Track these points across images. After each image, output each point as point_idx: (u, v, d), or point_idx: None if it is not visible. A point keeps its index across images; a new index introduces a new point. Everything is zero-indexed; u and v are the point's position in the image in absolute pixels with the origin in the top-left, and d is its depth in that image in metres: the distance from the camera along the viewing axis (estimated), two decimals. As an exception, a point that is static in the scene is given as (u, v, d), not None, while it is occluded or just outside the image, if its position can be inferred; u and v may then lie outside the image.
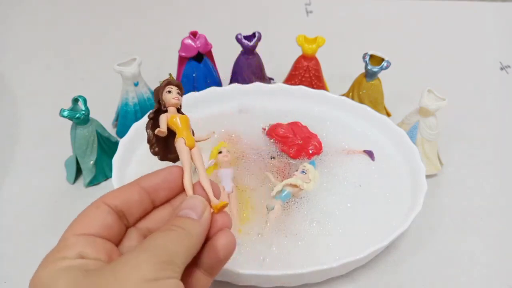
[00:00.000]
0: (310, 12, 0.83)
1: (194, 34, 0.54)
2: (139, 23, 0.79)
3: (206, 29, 0.58)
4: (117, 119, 0.54)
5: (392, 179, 0.46)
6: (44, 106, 0.59)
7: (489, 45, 0.77)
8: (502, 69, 0.71)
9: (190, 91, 0.53)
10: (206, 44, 0.55)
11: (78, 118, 0.44)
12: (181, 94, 0.31)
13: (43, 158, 0.52)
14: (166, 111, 0.30)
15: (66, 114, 0.43)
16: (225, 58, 0.58)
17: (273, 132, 0.49)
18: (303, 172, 0.42)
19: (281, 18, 0.82)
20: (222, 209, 0.28)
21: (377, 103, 0.55)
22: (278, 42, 0.68)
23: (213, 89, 0.53)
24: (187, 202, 0.26)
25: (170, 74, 0.54)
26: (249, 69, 0.56)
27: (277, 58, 0.64)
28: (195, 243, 0.25)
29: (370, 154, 0.48)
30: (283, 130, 0.48)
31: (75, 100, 0.45)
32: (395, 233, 0.38)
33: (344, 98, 0.54)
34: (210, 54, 0.57)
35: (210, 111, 0.52)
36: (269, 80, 0.61)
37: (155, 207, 0.28)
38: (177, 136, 0.30)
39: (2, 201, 0.47)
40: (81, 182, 0.49)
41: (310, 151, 0.47)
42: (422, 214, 0.41)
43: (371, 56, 0.52)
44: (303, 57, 0.55)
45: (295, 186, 0.41)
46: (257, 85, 0.54)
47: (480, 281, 0.41)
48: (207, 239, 0.26)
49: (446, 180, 0.51)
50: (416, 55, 0.73)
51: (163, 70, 0.59)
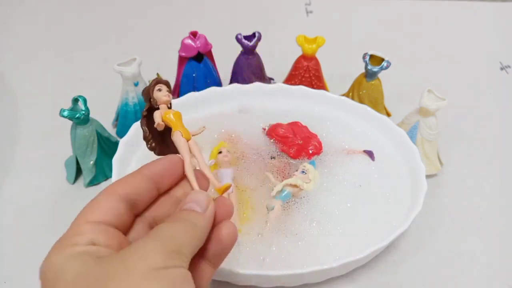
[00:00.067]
0: (310, 12, 0.83)
1: (194, 34, 0.54)
2: (139, 23, 0.79)
3: (206, 29, 0.58)
4: (117, 119, 0.54)
5: (392, 179, 0.46)
6: (44, 106, 0.59)
7: (489, 45, 0.77)
8: (502, 69, 0.71)
9: (190, 91, 0.53)
10: (206, 44, 0.55)
11: (78, 118, 0.44)
12: (170, 91, 0.32)
13: (43, 158, 0.52)
14: (158, 109, 0.31)
15: (66, 114, 0.43)
16: (225, 58, 0.58)
17: (273, 132, 0.49)
18: (303, 172, 0.42)
19: (281, 18, 0.82)
20: (225, 190, 0.29)
21: (377, 103, 0.55)
22: (278, 42, 0.68)
23: (213, 89, 0.53)
24: (192, 196, 0.27)
25: (158, 73, 0.54)
26: (249, 69, 0.56)
27: (277, 58, 0.64)
28: (201, 235, 0.25)
29: (370, 154, 0.48)
30: (283, 130, 0.48)
31: (75, 100, 0.45)
32: (395, 233, 0.38)
33: (344, 98, 0.54)
34: (210, 54, 0.57)
35: (210, 111, 0.52)
36: (269, 80, 0.61)
37: (159, 196, 0.29)
38: (173, 130, 0.30)
39: (2, 201, 0.47)
40: (81, 182, 0.49)
41: (310, 151, 0.47)
42: (422, 214, 0.41)
43: (371, 56, 0.52)
44: (303, 57, 0.55)
45: (295, 186, 0.41)
46: (257, 85, 0.54)
47: (480, 281, 0.41)
48: (211, 231, 0.27)
49: (446, 180, 0.51)
50: (416, 55, 0.73)
51: (163, 70, 0.59)
